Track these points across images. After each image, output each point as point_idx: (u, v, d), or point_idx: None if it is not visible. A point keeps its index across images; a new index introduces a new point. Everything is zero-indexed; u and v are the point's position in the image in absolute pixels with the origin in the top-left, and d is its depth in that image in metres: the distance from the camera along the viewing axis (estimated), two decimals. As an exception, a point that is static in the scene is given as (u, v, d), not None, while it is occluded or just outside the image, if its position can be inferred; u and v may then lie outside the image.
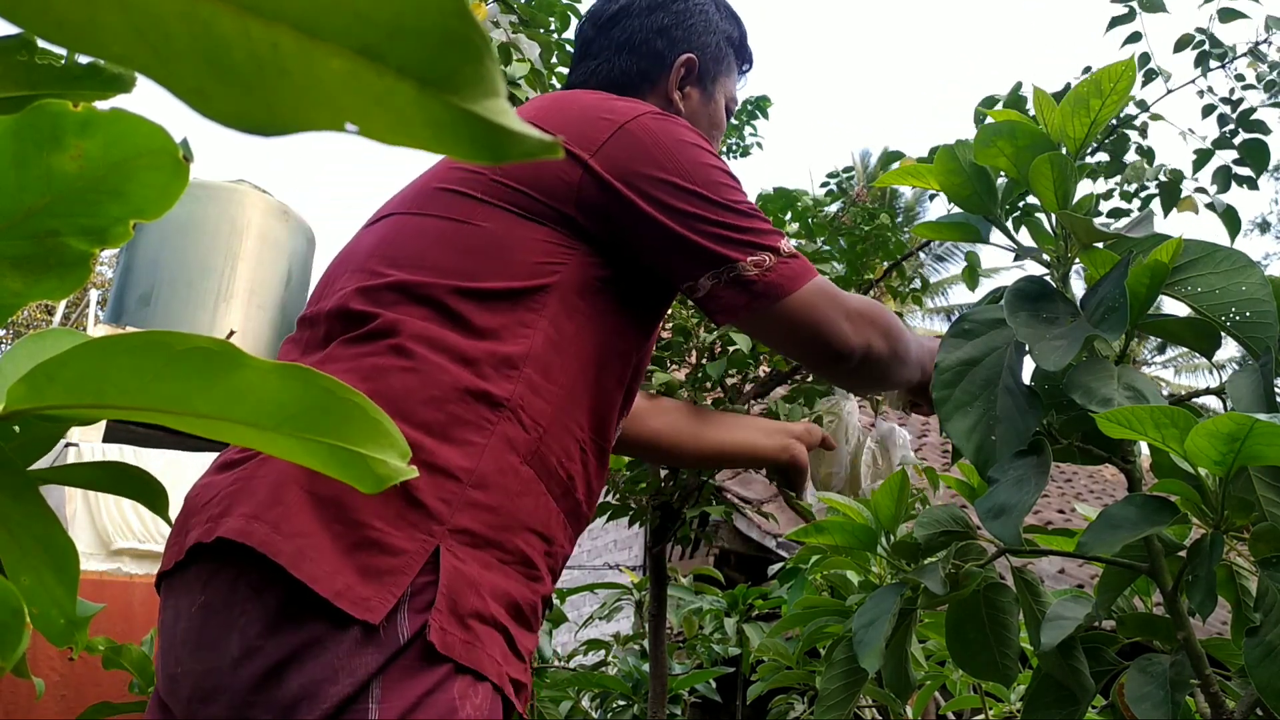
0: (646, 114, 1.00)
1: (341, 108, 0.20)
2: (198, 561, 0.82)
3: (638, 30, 1.16)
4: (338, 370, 0.87)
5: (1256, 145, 2.46)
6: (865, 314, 1.04)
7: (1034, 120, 0.97)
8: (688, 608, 2.87)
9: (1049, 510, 6.33)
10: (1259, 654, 0.73)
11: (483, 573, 0.84)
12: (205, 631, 0.80)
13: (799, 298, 0.99)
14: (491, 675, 0.82)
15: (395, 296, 0.91)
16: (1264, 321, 0.84)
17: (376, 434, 0.33)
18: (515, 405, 0.89)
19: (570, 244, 0.95)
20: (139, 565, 4.59)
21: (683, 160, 0.97)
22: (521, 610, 0.88)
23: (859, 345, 1.03)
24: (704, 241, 0.96)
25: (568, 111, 1.01)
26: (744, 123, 2.43)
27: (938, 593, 0.98)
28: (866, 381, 1.10)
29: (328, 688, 0.75)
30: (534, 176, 0.95)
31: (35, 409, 0.33)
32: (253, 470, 0.83)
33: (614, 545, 6.72)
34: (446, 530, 0.82)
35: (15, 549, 0.41)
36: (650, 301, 1.04)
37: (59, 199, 0.33)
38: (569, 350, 0.94)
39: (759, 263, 0.97)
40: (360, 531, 0.79)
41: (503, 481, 0.87)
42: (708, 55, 1.18)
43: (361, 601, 0.77)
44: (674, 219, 0.96)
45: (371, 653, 0.76)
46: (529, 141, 0.20)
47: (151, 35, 0.19)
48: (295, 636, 0.76)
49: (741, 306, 0.97)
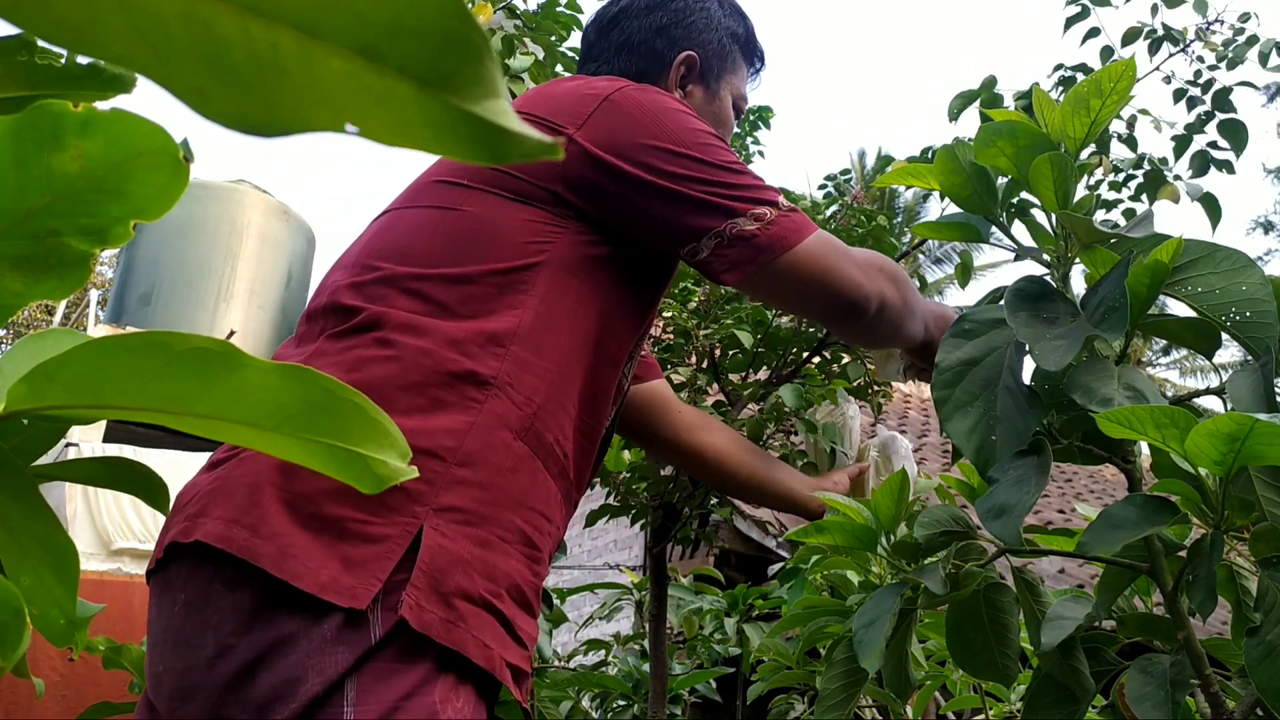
0: (628, 86, 1.00)
1: (341, 108, 0.20)
2: (178, 559, 0.82)
3: (636, 31, 1.16)
4: (325, 364, 0.87)
5: (1234, 125, 2.46)
6: (874, 262, 1.03)
7: (1028, 116, 0.97)
8: (688, 608, 2.87)
9: (1049, 510, 6.33)
10: (1259, 654, 0.73)
11: (476, 550, 0.82)
12: (184, 630, 0.79)
13: (805, 249, 0.97)
14: (479, 659, 0.79)
15: (382, 289, 0.91)
16: (1264, 321, 0.84)
17: (377, 434, 0.33)
18: (504, 382, 0.88)
19: (559, 223, 0.95)
20: (139, 565, 4.59)
21: (669, 125, 0.97)
22: (523, 592, 0.86)
23: (874, 292, 1.01)
24: (703, 198, 0.95)
25: (551, 97, 1.02)
26: (746, 133, 2.44)
27: (938, 593, 0.98)
28: (882, 333, 1.08)
29: (299, 686, 0.74)
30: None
31: (35, 409, 0.33)
32: (229, 470, 0.83)
33: (614, 545, 6.72)
34: (430, 510, 0.81)
35: (15, 549, 0.41)
36: (647, 280, 1.03)
37: (59, 199, 0.33)
38: (562, 327, 0.93)
39: (759, 216, 0.95)
40: (340, 525, 0.79)
41: (493, 458, 0.86)
42: (710, 52, 1.18)
43: (347, 590, 0.76)
44: (670, 181, 0.95)
45: (343, 651, 0.75)
46: (529, 142, 0.20)
47: (151, 35, 0.19)
48: (266, 634, 0.76)
49: (747, 261, 0.96)
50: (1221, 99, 2.46)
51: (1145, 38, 2.49)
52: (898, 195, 14.11)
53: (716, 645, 2.84)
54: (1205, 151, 2.48)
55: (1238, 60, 2.46)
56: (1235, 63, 2.47)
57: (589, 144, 0.95)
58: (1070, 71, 2.49)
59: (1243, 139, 2.45)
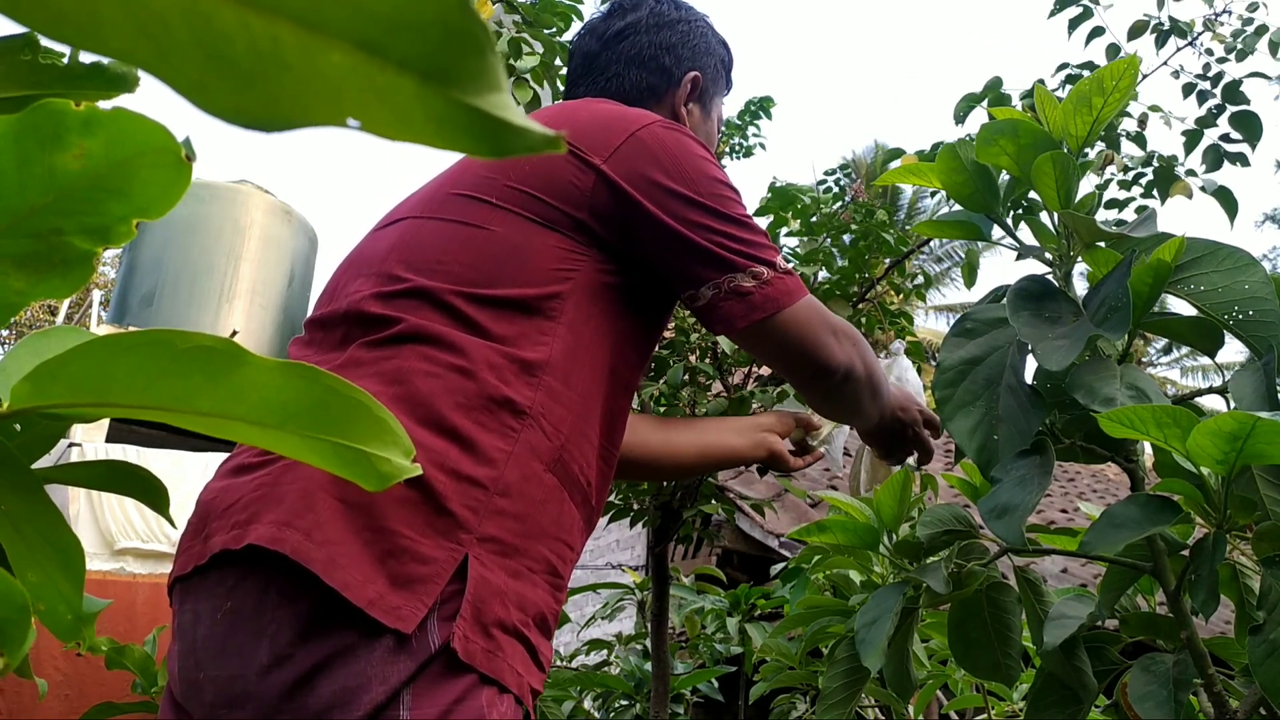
0: (656, 123, 1.02)
1: (342, 102, 0.20)
2: (220, 566, 0.82)
3: (646, 46, 1.19)
4: (362, 374, 0.87)
5: (1246, 116, 2.43)
6: (850, 334, 1.07)
7: (1031, 115, 0.97)
8: (690, 607, 2.87)
9: (1052, 509, 6.32)
10: (1262, 653, 0.73)
11: (509, 581, 0.85)
12: (232, 638, 0.80)
13: (793, 312, 1.01)
14: (512, 686, 0.83)
15: (415, 302, 0.92)
16: (1267, 320, 0.84)
17: (380, 432, 0.33)
18: (537, 413, 0.90)
19: (582, 250, 0.97)
20: (142, 565, 4.60)
21: (691, 171, 0.99)
22: (546, 620, 0.89)
23: (843, 362, 1.05)
24: (708, 249, 0.98)
25: (577, 118, 1.02)
26: (746, 123, 2.41)
27: (940, 592, 0.98)
28: (843, 402, 1.11)
29: (361, 695, 0.76)
30: (548, 182, 0.97)
31: (39, 407, 0.33)
32: (278, 475, 0.83)
33: (616, 545, 6.72)
34: (474, 539, 0.83)
35: (21, 545, 0.41)
36: (655, 309, 1.06)
37: (62, 197, 0.33)
38: (585, 357, 0.95)
39: (757, 274, 0.99)
40: (390, 539, 0.80)
41: (527, 489, 0.88)
42: (708, 75, 1.22)
43: (393, 610, 0.78)
44: (682, 226, 0.97)
45: (404, 661, 0.77)
46: (531, 136, 0.20)
47: (152, 29, 0.19)
48: (326, 644, 0.77)
49: (739, 317, 0.99)
50: (1232, 91, 2.44)
51: (1151, 31, 2.47)
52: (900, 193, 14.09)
53: (719, 645, 2.84)
54: (1218, 145, 2.45)
55: (1247, 51, 2.44)
56: (1245, 54, 2.44)
57: (616, 175, 0.97)
58: (1076, 70, 2.47)
59: (1257, 130, 2.42)
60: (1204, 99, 2.48)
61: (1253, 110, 2.43)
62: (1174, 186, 2.34)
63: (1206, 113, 2.48)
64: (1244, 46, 2.45)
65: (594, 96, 1.18)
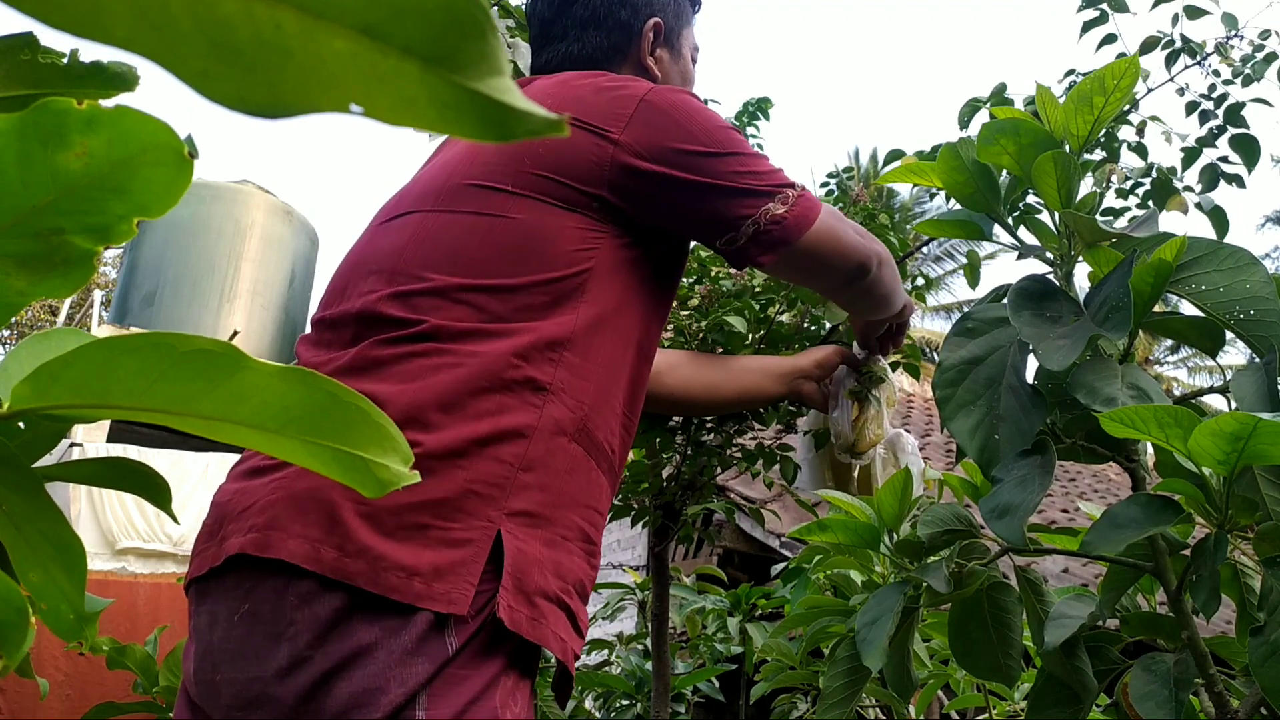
0: (652, 90, 1.03)
1: (345, 88, 0.20)
2: (238, 569, 0.82)
3: (599, 5, 1.16)
4: (380, 375, 0.88)
5: (1246, 140, 2.45)
6: (859, 228, 1.12)
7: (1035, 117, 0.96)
8: (691, 607, 2.87)
9: (1053, 509, 6.31)
10: (1263, 653, 0.73)
11: (545, 551, 0.87)
12: (249, 640, 0.80)
13: (822, 220, 1.05)
14: (556, 651, 0.85)
15: (434, 300, 0.91)
16: (1268, 320, 0.84)
17: (379, 438, 0.33)
18: (559, 388, 0.91)
19: (601, 228, 0.98)
20: (143, 564, 4.60)
21: (699, 126, 1.02)
22: (584, 586, 0.92)
23: (874, 252, 1.10)
24: (741, 187, 1.01)
25: (582, 98, 1.02)
26: (744, 124, 2.41)
27: (941, 591, 0.98)
28: (878, 289, 1.15)
29: (379, 696, 0.76)
30: (565, 163, 0.97)
31: (39, 408, 0.33)
32: (291, 481, 0.82)
33: (617, 545, 6.72)
34: (504, 514, 0.84)
35: (23, 545, 0.41)
36: (668, 275, 1.07)
37: (64, 196, 0.33)
38: (608, 330, 0.97)
39: (785, 198, 1.03)
40: (425, 532, 0.80)
41: (552, 462, 0.89)
42: (669, 14, 1.20)
43: (443, 596, 0.79)
44: (713, 178, 1.00)
45: (422, 662, 0.77)
46: (534, 119, 0.20)
47: (155, 17, 0.19)
48: (344, 645, 0.77)
49: (780, 242, 1.02)
50: (1234, 114, 2.45)
51: (1163, 48, 2.47)
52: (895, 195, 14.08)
53: (719, 644, 2.83)
54: (1215, 165, 2.47)
55: (1255, 77, 2.45)
56: (1251, 79, 2.45)
57: (633, 146, 0.98)
58: (1082, 77, 2.47)
59: (1254, 154, 2.43)
60: (1206, 119, 2.49)
61: (1252, 134, 2.45)
62: (1171, 200, 2.34)
63: (1207, 133, 2.49)
64: (1252, 72, 2.46)
65: (561, 67, 1.16)
